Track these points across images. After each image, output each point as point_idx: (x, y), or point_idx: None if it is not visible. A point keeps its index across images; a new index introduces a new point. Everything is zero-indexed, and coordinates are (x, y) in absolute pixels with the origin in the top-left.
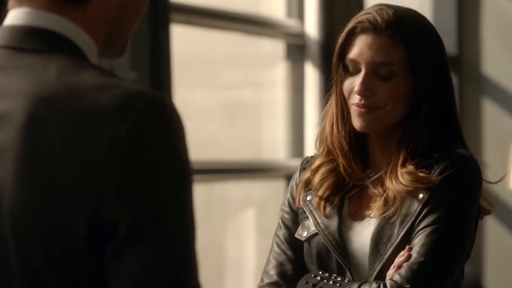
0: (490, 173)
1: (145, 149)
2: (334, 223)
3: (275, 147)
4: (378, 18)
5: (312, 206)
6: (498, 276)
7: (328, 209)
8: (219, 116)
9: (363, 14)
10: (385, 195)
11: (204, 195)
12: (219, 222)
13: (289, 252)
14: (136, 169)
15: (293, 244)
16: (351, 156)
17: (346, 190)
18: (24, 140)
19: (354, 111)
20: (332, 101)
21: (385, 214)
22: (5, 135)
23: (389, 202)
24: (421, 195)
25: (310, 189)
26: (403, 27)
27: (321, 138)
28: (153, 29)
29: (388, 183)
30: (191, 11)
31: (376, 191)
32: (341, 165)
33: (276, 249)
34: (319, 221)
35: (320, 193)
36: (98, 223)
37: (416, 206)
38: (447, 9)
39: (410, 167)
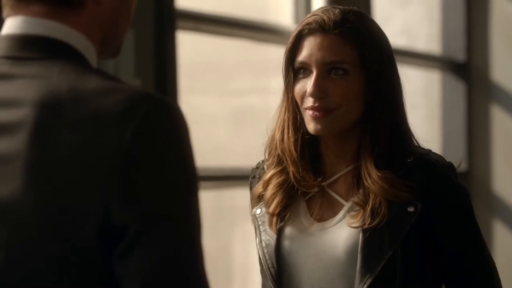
0: (499, 180)
1: (150, 151)
2: (273, 242)
3: None
4: (325, 18)
5: (260, 220)
6: (508, 283)
7: (279, 225)
8: (227, 123)
9: (310, 16)
10: (357, 200)
11: (212, 202)
12: (227, 228)
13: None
14: (142, 172)
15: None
16: (301, 163)
17: (297, 199)
18: (31, 148)
19: (308, 115)
20: (282, 108)
21: (371, 224)
22: (13, 144)
23: (367, 211)
24: (411, 208)
25: (261, 201)
26: (350, 25)
27: (270, 147)
28: (158, 36)
29: (368, 183)
30: (197, 18)
31: (338, 195)
32: (290, 172)
33: None
34: (262, 238)
35: (271, 210)
36: (107, 226)
37: (408, 220)
38: (455, 15)
39: (386, 174)
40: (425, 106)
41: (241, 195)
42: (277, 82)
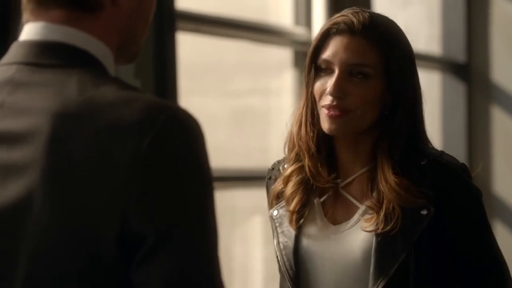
0: (499, 180)
1: (167, 161)
2: (291, 244)
3: (283, 154)
4: (354, 20)
5: (278, 222)
6: None
7: (300, 222)
8: (227, 124)
9: (339, 16)
10: (370, 204)
11: None
12: (227, 229)
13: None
14: (159, 182)
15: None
16: (317, 158)
17: (313, 199)
18: (48, 157)
19: (324, 113)
20: (301, 103)
21: (385, 229)
22: (29, 152)
23: (381, 216)
24: (424, 211)
25: (281, 200)
26: (378, 30)
27: (290, 142)
28: (158, 37)
29: (384, 189)
30: (197, 19)
31: (353, 197)
32: (306, 167)
33: None
34: (280, 240)
35: (291, 207)
36: (125, 235)
37: (420, 223)
38: (455, 16)
39: (402, 180)
40: (425, 107)
41: (241, 196)
42: (277, 83)
